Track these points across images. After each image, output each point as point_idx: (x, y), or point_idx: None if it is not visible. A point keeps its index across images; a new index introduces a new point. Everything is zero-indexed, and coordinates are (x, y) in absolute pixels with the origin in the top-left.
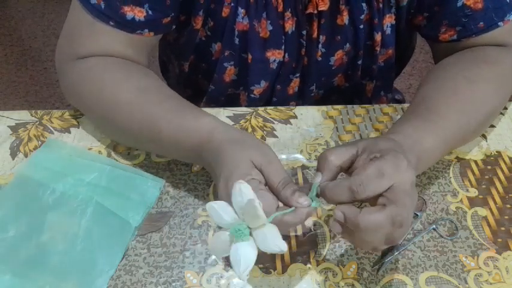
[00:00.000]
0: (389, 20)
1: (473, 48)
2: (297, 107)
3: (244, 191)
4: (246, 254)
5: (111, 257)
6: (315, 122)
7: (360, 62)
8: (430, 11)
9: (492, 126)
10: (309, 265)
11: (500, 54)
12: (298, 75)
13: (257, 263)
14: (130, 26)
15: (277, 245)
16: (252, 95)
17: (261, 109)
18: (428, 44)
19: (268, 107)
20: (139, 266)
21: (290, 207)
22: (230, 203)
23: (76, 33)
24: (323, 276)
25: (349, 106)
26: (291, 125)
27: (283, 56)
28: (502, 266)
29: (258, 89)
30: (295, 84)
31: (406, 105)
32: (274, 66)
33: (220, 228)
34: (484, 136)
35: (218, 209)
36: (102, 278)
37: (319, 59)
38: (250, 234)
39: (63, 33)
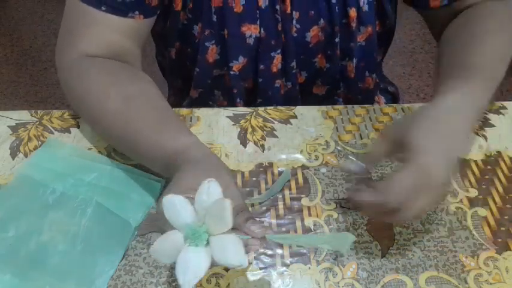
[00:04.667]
0: None
1: (474, 6)
2: (297, 107)
3: (212, 190)
4: (197, 261)
5: (111, 257)
6: (315, 122)
7: (337, 40)
8: None
9: (492, 126)
10: (309, 265)
11: (499, 7)
12: (279, 51)
13: (257, 263)
14: (121, 8)
15: (238, 258)
16: (232, 72)
17: (261, 109)
18: (421, 14)
19: (268, 107)
20: (139, 266)
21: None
22: (163, 218)
23: (72, 27)
24: (323, 276)
25: (349, 106)
26: (291, 125)
27: (259, 32)
28: (502, 266)
29: (236, 65)
30: (277, 61)
31: (406, 105)
32: (251, 42)
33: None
34: (484, 136)
35: (178, 204)
36: (102, 278)
37: (295, 35)
38: (207, 241)
39: (61, 30)
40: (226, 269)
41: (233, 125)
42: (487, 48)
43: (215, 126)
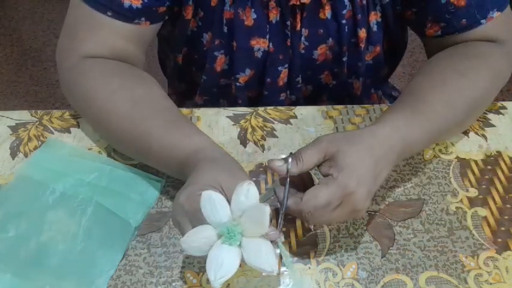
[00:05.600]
0: (374, 17)
1: (465, 43)
2: (297, 107)
3: (251, 192)
4: (229, 260)
5: (111, 257)
6: (315, 122)
7: (345, 59)
8: (418, 7)
9: (492, 126)
10: (309, 265)
11: (490, 48)
12: (286, 66)
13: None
14: (127, 15)
15: (270, 263)
16: (238, 84)
17: (261, 109)
18: (420, 38)
19: (268, 107)
20: (139, 266)
21: None
22: (182, 213)
23: (76, 29)
24: (323, 276)
25: (349, 106)
26: (291, 125)
27: (268, 46)
28: (502, 266)
29: (243, 77)
30: (284, 75)
31: None
32: (258, 55)
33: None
34: (484, 136)
35: (216, 200)
36: (102, 278)
37: (302, 51)
38: (240, 242)
39: (64, 30)
40: None
41: (233, 125)
42: (446, 89)
43: (215, 126)
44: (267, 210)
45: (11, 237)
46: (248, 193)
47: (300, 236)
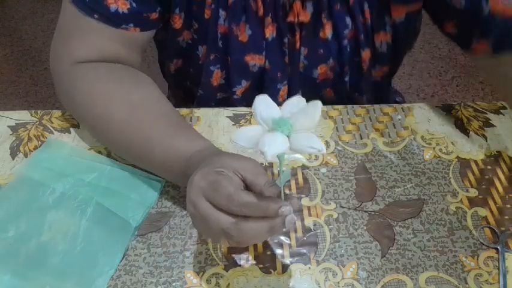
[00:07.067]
0: (383, 38)
1: None
2: None
3: (302, 101)
4: (281, 140)
5: (111, 257)
6: None
7: (346, 79)
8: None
9: (492, 126)
10: (309, 265)
11: None
12: (285, 83)
13: (257, 263)
14: (114, 20)
15: (319, 143)
16: (235, 96)
17: None
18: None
19: None
20: (139, 266)
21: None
22: (197, 191)
23: (67, 32)
24: (323, 276)
25: (349, 106)
26: None
27: (264, 63)
28: None
29: (240, 89)
30: (283, 92)
31: (406, 105)
32: (254, 69)
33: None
34: (484, 136)
35: (270, 101)
36: (102, 278)
37: (301, 70)
38: (289, 134)
39: (56, 33)
40: (226, 269)
41: (233, 125)
42: None
43: (215, 126)
44: (320, 104)
45: (11, 237)
46: (298, 102)
47: (300, 236)
